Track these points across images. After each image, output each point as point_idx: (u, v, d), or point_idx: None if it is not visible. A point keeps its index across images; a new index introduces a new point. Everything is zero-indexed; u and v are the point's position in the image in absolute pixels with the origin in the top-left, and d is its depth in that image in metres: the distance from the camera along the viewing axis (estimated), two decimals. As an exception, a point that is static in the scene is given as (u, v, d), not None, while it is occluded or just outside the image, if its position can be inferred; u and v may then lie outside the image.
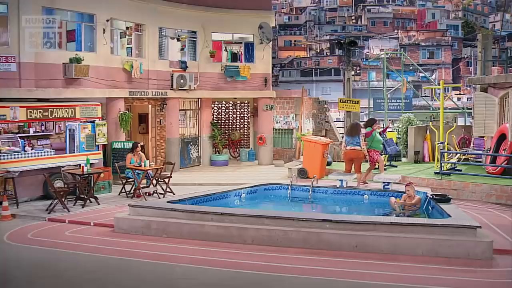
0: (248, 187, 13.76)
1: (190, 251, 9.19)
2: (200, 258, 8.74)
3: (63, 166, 14.19)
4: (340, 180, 13.64)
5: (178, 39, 20.59)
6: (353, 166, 14.63)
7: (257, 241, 9.50)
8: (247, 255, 8.85)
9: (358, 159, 14.59)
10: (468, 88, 50.72)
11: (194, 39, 20.58)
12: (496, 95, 16.44)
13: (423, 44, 69.98)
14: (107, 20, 16.55)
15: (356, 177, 14.20)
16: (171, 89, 19.25)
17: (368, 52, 67.44)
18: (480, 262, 8.44)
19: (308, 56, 77.03)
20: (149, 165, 14.98)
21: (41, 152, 14.27)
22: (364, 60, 64.78)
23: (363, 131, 15.25)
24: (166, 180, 14.89)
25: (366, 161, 15.40)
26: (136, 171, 14.59)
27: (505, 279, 7.75)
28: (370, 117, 19.73)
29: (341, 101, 22.54)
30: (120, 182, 15.06)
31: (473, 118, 17.63)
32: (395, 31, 75.91)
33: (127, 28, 18.17)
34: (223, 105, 23.26)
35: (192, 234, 9.96)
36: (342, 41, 24.19)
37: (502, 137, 15.58)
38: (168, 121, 19.84)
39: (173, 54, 20.21)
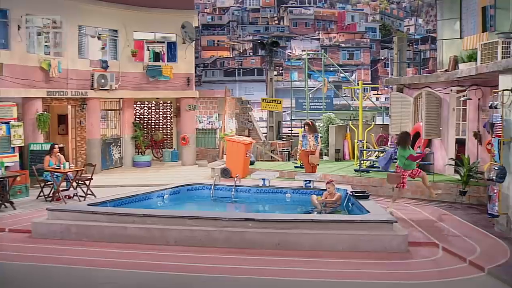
0: (171, 188, 13.64)
1: (112, 254, 9.02)
2: (122, 261, 8.59)
3: (-25, 170, 13.55)
4: (262, 179, 13.80)
5: (98, 38, 20.09)
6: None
7: (180, 242, 9.44)
8: (169, 257, 8.78)
9: None
10: (386, 88, 52.62)
11: (115, 37, 20.19)
12: (411, 95, 17.13)
13: (343, 45, 72.08)
14: (22, 16, 15.92)
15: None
16: (91, 89, 18.79)
17: (290, 53, 68.53)
18: (396, 255, 8.81)
19: (231, 56, 77.44)
20: (69, 167, 14.54)
21: (-49, 155, 13.58)
22: (287, 60, 65.84)
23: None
24: (87, 182, 14.54)
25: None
26: (55, 173, 14.14)
27: (419, 269, 8.13)
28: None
29: (264, 100, 22.91)
30: (38, 185, 14.53)
31: (390, 117, 18.26)
32: (316, 32, 77.74)
33: (44, 25, 17.54)
34: (145, 105, 22.96)
35: (114, 237, 9.76)
36: (264, 42, 24.60)
37: (416, 135, 16.26)
38: (89, 122, 19.34)
39: (94, 53, 19.72)
